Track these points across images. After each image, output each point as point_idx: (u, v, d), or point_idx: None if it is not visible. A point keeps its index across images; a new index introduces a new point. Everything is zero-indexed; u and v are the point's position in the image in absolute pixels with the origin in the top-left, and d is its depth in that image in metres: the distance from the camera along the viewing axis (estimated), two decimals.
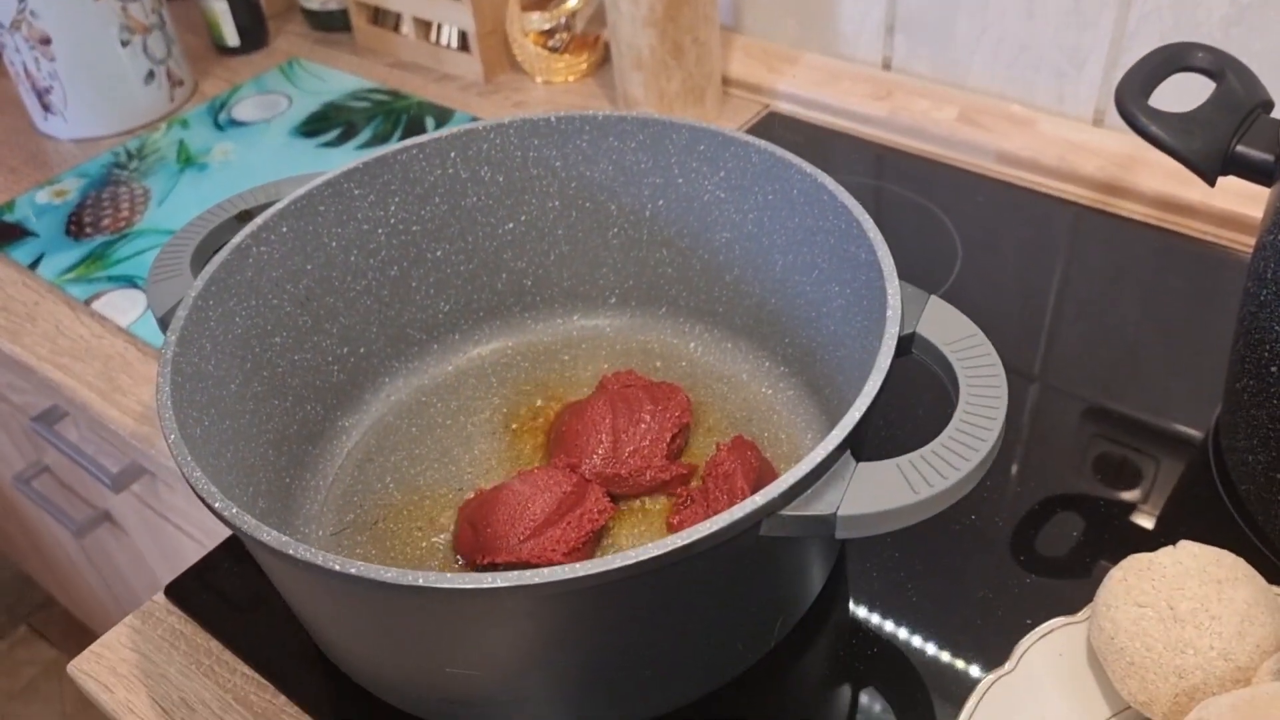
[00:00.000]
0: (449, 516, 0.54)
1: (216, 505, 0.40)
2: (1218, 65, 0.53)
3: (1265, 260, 0.48)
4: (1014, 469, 0.58)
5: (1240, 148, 0.50)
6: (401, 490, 0.56)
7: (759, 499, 0.38)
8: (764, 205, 0.56)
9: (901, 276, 0.46)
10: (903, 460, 0.40)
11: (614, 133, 0.57)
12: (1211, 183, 0.51)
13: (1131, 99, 0.52)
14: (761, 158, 0.55)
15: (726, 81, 0.88)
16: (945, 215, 0.74)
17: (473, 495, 0.54)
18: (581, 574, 0.37)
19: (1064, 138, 0.77)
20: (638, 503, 0.54)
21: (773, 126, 0.85)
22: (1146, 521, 0.55)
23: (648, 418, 0.55)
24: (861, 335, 0.50)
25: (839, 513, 0.39)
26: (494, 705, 0.45)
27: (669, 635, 0.43)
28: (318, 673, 0.51)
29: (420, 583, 0.37)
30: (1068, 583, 0.52)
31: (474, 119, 0.88)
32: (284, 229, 0.54)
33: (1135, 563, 0.44)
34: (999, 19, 0.78)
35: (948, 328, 0.45)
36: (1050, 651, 0.45)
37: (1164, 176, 0.72)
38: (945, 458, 0.40)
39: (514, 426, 0.58)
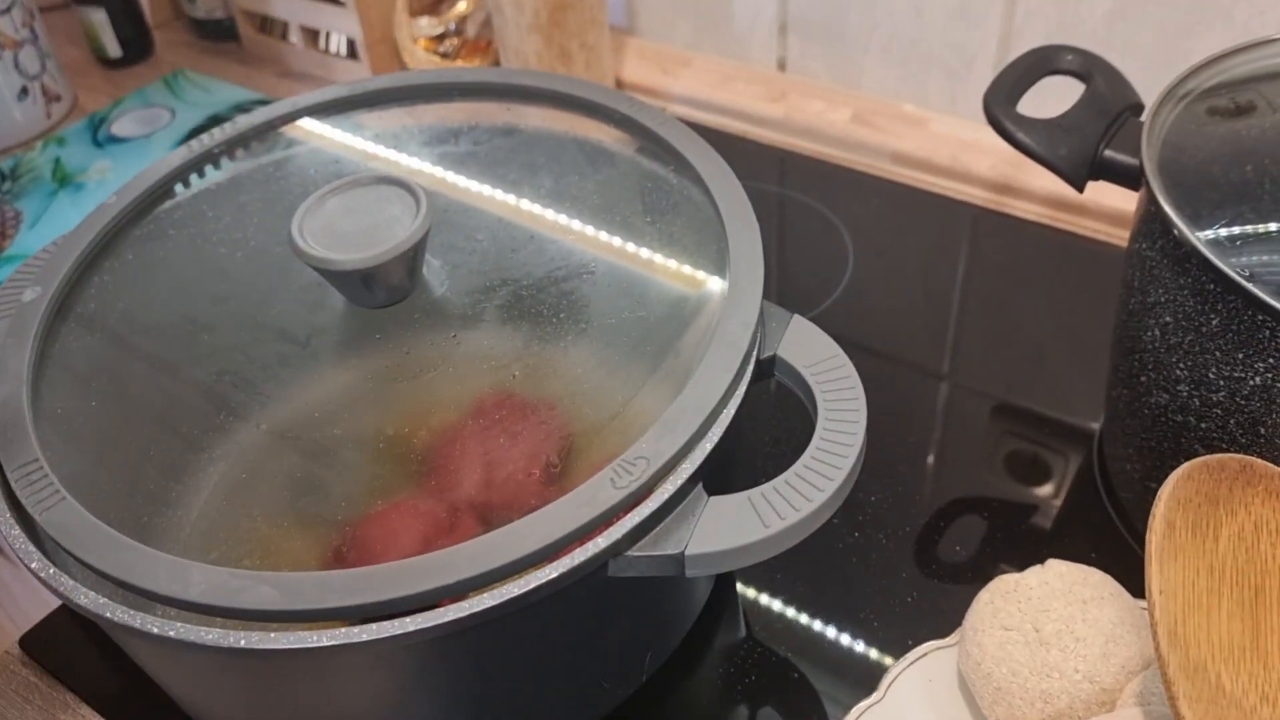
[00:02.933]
0: (319, 551, 0.52)
1: (33, 566, 0.38)
2: (1086, 68, 0.52)
3: (1133, 268, 0.47)
4: (925, 468, 0.57)
5: (1108, 153, 0.49)
6: (269, 524, 0.54)
7: (602, 541, 0.37)
8: (636, 213, 0.54)
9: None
10: (755, 492, 0.39)
11: (478, 140, 0.55)
12: (1080, 189, 0.50)
13: (998, 106, 0.51)
14: (629, 167, 0.53)
15: (621, 85, 0.86)
16: (838, 218, 0.73)
17: (342, 528, 0.52)
18: (411, 629, 0.35)
19: (956, 137, 0.76)
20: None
21: None
22: (1034, 531, 0.54)
23: (524, 441, 0.53)
24: None
25: (687, 551, 0.38)
26: None
27: (522, 681, 0.41)
28: None
29: (242, 644, 0.35)
30: (954, 600, 0.51)
31: None
32: (129, 256, 0.51)
33: (1002, 584, 0.43)
34: (888, 17, 0.77)
35: (810, 349, 0.44)
36: (920, 678, 0.43)
37: (1053, 176, 0.71)
38: (798, 488, 0.39)
39: (387, 453, 0.56)
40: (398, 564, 0.36)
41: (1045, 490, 0.56)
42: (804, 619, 0.51)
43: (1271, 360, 0.39)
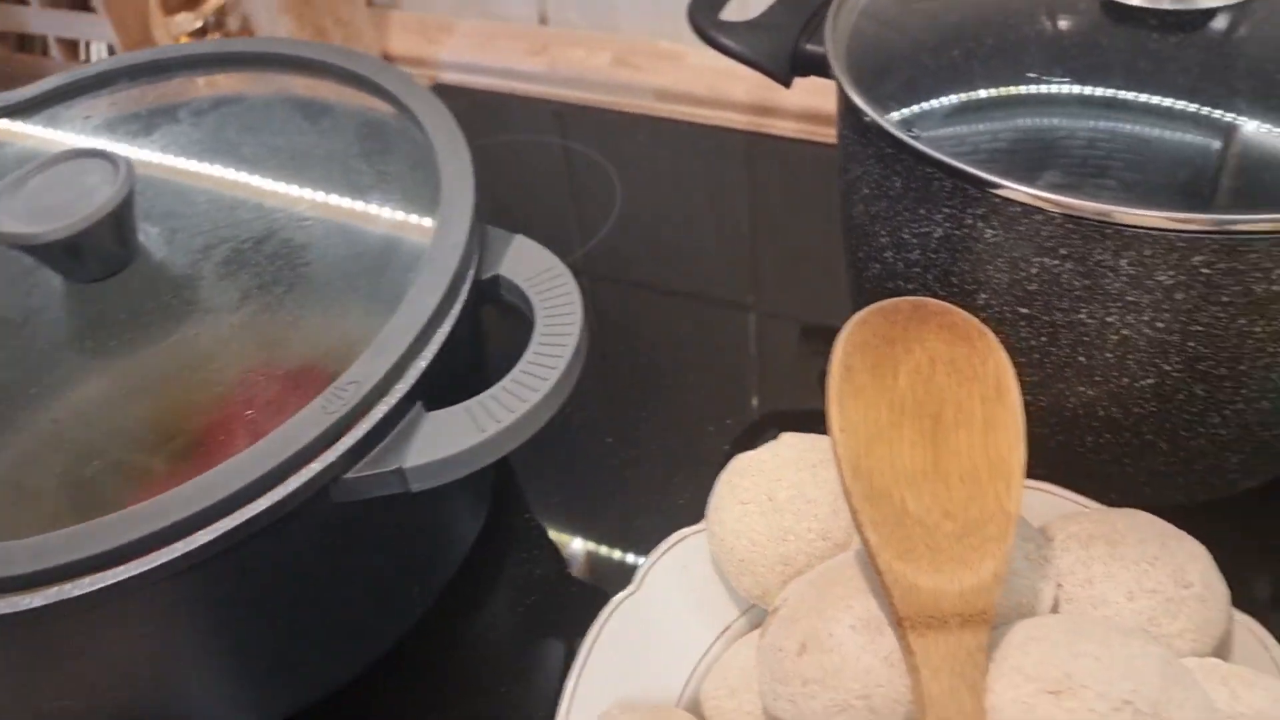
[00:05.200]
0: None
1: None
2: None
3: (839, 152, 0.49)
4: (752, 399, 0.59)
5: (808, 46, 0.51)
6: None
7: (316, 465, 0.37)
8: (355, 159, 0.53)
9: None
10: (473, 402, 0.40)
11: (199, 110, 0.55)
12: (787, 84, 0.52)
13: (701, 15, 0.53)
14: (348, 118, 0.53)
15: (389, 59, 0.86)
16: (606, 160, 0.74)
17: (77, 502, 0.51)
18: (125, 575, 0.35)
19: (711, 67, 0.77)
20: None
21: (441, 98, 0.83)
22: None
23: (252, 387, 0.53)
24: None
25: (406, 465, 0.38)
26: None
27: (278, 623, 0.42)
28: None
29: None
30: None
31: None
32: None
33: (738, 463, 0.44)
34: None
35: (529, 264, 0.45)
36: (675, 565, 0.45)
37: (802, 92, 0.73)
38: (514, 393, 0.40)
39: (118, 420, 0.55)
40: (107, 519, 0.36)
41: None
42: (582, 534, 0.52)
43: (947, 210, 0.42)
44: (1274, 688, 0.36)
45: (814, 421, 0.56)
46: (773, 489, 0.43)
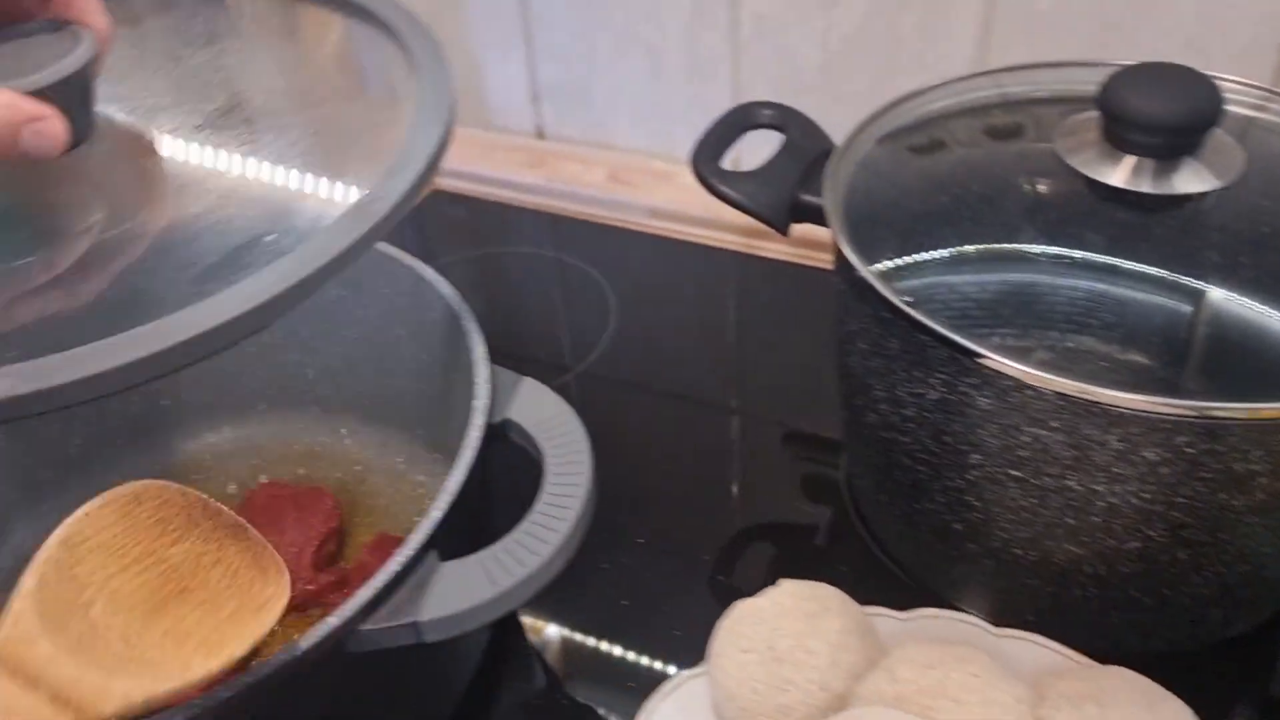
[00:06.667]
0: None
1: None
2: (781, 120, 0.56)
3: (836, 300, 0.51)
4: (718, 499, 0.60)
5: (804, 196, 0.53)
6: None
7: (333, 620, 0.38)
8: (380, 299, 0.56)
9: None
10: (486, 554, 0.41)
11: None
12: (784, 232, 0.54)
13: (703, 164, 0.55)
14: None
15: None
16: (600, 274, 0.76)
17: None
18: None
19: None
20: (292, 618, 0.53)
21: (439, 203, 0.85)
22: (807, 550, 0.57)
23: (291, 527, 0.54)
24: None
25: (421, 619, 0.39)
26: None
27: None
28: None
29: None
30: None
31: None
32: None
33: (739, 610, 0.46)
34: (629, 80, 0.81)
35: (538, 409, 0.47)
36: (675, 709, 0.46)
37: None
38: (526, 545, 0.41)
39: None
40: None
41: (821, 510, 0.59)
42: (579, 665, 0.53)
43: (942, 375, 0.43)
44: None
45: (796, 533, 0.58)
46: (773, 639, 0.44)
